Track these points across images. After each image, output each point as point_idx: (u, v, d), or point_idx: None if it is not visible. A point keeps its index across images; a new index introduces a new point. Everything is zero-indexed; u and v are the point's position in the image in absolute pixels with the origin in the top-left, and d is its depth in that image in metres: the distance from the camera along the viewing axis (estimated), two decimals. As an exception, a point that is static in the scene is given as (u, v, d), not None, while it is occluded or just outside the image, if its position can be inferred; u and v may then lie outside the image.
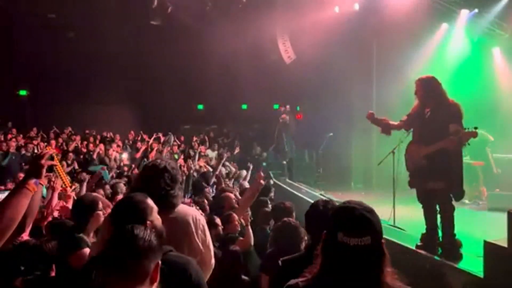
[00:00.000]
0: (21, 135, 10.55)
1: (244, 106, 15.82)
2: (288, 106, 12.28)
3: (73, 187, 5.09)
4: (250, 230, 4.09)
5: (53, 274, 3.26)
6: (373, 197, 8.74)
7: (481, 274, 3.53)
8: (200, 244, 2.52)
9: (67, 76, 13.18)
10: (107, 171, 7.67)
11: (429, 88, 4.31)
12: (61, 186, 4.37)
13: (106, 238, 1.60)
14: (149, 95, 14.13)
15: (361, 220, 1.47)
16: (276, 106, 14.81)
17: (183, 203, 2.87)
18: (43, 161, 2.14)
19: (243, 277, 4.03)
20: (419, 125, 4.44)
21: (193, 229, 2.52)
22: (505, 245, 3.26)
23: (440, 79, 4.42)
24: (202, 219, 2.61)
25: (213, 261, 2.63)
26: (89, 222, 3.15)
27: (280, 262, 2.53)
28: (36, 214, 3.77)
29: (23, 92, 14.17)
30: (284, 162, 11.20)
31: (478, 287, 3.54)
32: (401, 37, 10.10)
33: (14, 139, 9.89)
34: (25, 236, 3.58)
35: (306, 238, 3.62)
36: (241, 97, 14.84)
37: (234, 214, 4.34)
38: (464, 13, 10.42)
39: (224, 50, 11.74)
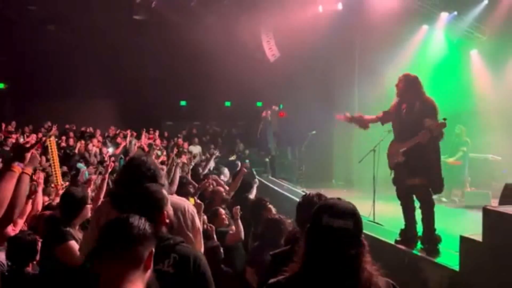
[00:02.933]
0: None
1: (228, 103, 15.81)
2: (274, 107, 12.35)
3: (64, 185, 5.04)
4: (240, 224, 4.12)
5: (28, 268, 3.27)
6: (354, 193, 8.87)
7: (456, 268, 3.66)
8: (190, 233, 2.60)
9: (47, 70, 12.90)
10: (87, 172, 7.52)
11: (410, 84, 4.44)
12: (54, 183, 4.32)
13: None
14: (131, 91, 13.95)
15: (345, 206, 1.59)
16: (259, 104, 14.85)
17: None
18: (27, 146, 2.15)
19: (225, 268, 4.08)
20: (397, 122, 4.56)
21: (182, 220, 2.59)
22: (480, 239, 3.38)
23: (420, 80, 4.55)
24: (191, 209, 2.69)
25: (202, 249, 2.71)
26: (78, 216, 3.19)
27: (270, 256, 2.59)
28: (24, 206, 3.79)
29: (0, 85, 13.81)
30: (267, 160, 11.27)
31: (453, 280, 3.67)
32: (383, 38, 10.28)
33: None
34: (14, 230, 3.55)
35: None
36: (224, 94, 14.83)
37: (221, 209, 4.39)
38: (444, 16, 10.68)
39: (208, 47, 11.69)
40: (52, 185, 5.36)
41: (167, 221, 2.08)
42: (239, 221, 4.21)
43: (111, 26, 12.17)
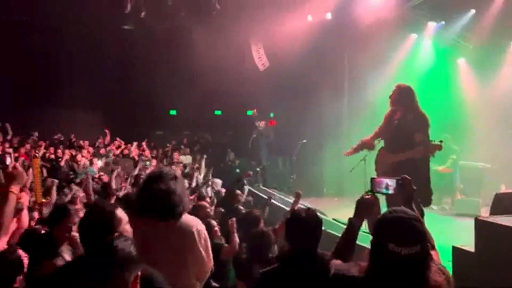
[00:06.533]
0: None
1: (218, 112, 15.76)
2: (262, 122, 12.37)
3: (45, 201, 4.95)
4: (236, 237, 4.07)
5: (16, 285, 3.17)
6: (346, 202, 8.86)
7: (449, 279, 3.63)
8: (203, 252, 2.61)
9: (33, 79, 12.73)
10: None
11: (403, 95, 4.47)
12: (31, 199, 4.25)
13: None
14: (119, 100, 13.84)
15: (412, 231, 1.54)
16: (249, 112, 14.80)
17: None
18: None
19: (214, 284, 4.01)
20: (388, 131, 4.57)
21: (197, 238, 2.60)
22: (472, 250, 3.37)
23: (409, 88, 4.57)
24: (204, 229, 2.71)
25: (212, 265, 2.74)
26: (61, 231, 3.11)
27: (260, 273, 2.58)
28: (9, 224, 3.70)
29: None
30: (258, 169, 11.22)
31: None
32: (371, 46, 10.38)
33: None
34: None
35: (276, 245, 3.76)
36: (215, 103, 14.77)
37: (213, 222, 4.32)
38: (432, 25, 10.82)
39: (197, 56, 11.68)
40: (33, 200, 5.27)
41: None
42: (235, 234, 4.15)
43: (100, 35, 12.10)
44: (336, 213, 7.59)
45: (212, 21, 11.50)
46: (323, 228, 2.55)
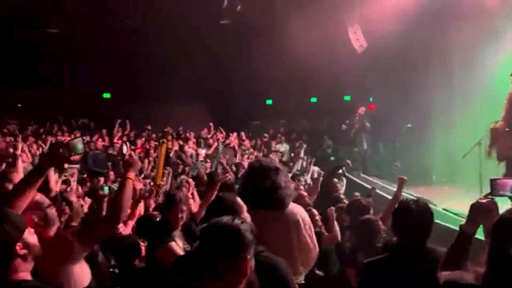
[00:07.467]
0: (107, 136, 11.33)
1: (314, 99, 15.61)
2: (362, 108, 11.97)
3: (162, 184, 5.40)
4: (337, 226, 4.04)
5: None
6: (458, 191, 8.22)
7: None
8: (308, 239, 2.63)
9: (144, 77, 14.00)
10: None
11: None
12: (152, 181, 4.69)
13: None
14: (218, 93, 14.50)
15: None
16: (347, 98, 14.41)
17: None
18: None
19: (317, 271, 4.00)
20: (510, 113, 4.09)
21: (302, 228, 2.63)
22: None
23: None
24: (307, 216, 2.75)
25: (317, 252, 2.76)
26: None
27: (365, 263, 2.53)
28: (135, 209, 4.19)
29: (106, 95, 15.30)
30: (357, 156, 10.87)
31: None
32: (484, 20, 9.23)
33: (100, 139, 10.68)
34: (125, 229, 3.90)
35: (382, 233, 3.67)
36: (310, 90, 14.65)
37: (314, 210, 4.31)
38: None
39: (292, 44, 11.66)
40: (151, 184, 5.77)
41: None
42: (335, 222, 4.10)
43: (200, 33, 12.77)
44: (447, 202, 7.05)
45: (306, 7, 11.36)
46: (432, 219, 2.41)
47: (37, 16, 12.71)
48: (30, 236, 1.82)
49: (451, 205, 6.65)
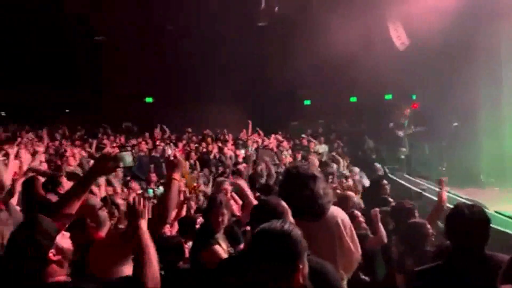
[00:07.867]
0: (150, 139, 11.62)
1: (353, 99, 15.30)
2: (407, 110, 11.66)
3: (197, 185, 5.47)
4: (382, 227, 3.92)
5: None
6: (509, 193, 7.76)
7: None
8: (349, 241, 2.57)
9: (184, 81, 14.28)
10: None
11: None
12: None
13: None
14: (256, 94, 14.53)
15: None
16: (388, 97, 14.03)
17: None
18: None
19: (363, 277, 3.90)
20: None
21: (343, 230, 2.57)
22: None
23: None
24: (346, 217, 2.68)
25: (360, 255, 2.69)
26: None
27: (415, 272, 2.42)
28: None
29: (149, 99, 15.76)
30: (402, 156, 10.51)
31: None
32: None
33: (143, 142, 10.97)
34: (171, 230, 3.97)
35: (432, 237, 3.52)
36: (349, 89, 14.37)
37: (357, 212, 4.21)
38: None
39: (330, 42, 11.47)
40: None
41: None
42: (380, 223, 3.98)
43: (238, 34, 12.88)
44: (498, 205, 6.68)
45: (345, 5, 11.17)
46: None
47: (84, 23, 13.25)
48: (64, 240, 1.86)
49: (503, 208, 6.32)
